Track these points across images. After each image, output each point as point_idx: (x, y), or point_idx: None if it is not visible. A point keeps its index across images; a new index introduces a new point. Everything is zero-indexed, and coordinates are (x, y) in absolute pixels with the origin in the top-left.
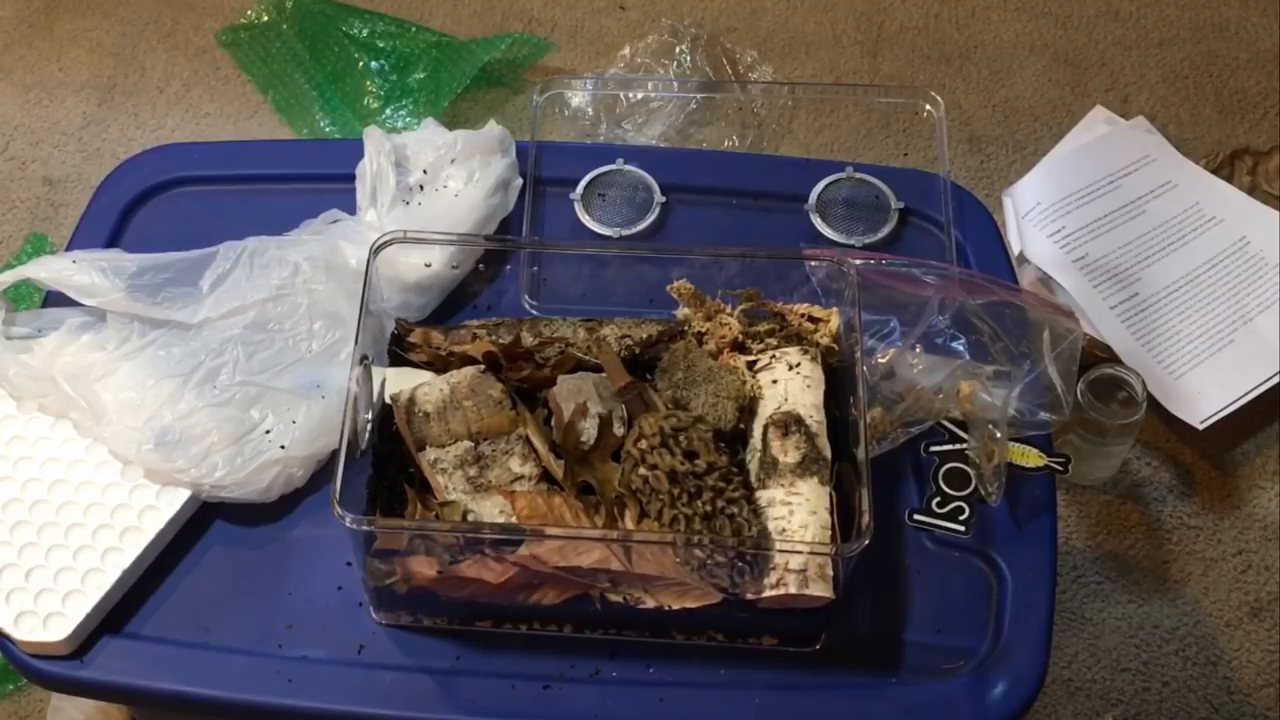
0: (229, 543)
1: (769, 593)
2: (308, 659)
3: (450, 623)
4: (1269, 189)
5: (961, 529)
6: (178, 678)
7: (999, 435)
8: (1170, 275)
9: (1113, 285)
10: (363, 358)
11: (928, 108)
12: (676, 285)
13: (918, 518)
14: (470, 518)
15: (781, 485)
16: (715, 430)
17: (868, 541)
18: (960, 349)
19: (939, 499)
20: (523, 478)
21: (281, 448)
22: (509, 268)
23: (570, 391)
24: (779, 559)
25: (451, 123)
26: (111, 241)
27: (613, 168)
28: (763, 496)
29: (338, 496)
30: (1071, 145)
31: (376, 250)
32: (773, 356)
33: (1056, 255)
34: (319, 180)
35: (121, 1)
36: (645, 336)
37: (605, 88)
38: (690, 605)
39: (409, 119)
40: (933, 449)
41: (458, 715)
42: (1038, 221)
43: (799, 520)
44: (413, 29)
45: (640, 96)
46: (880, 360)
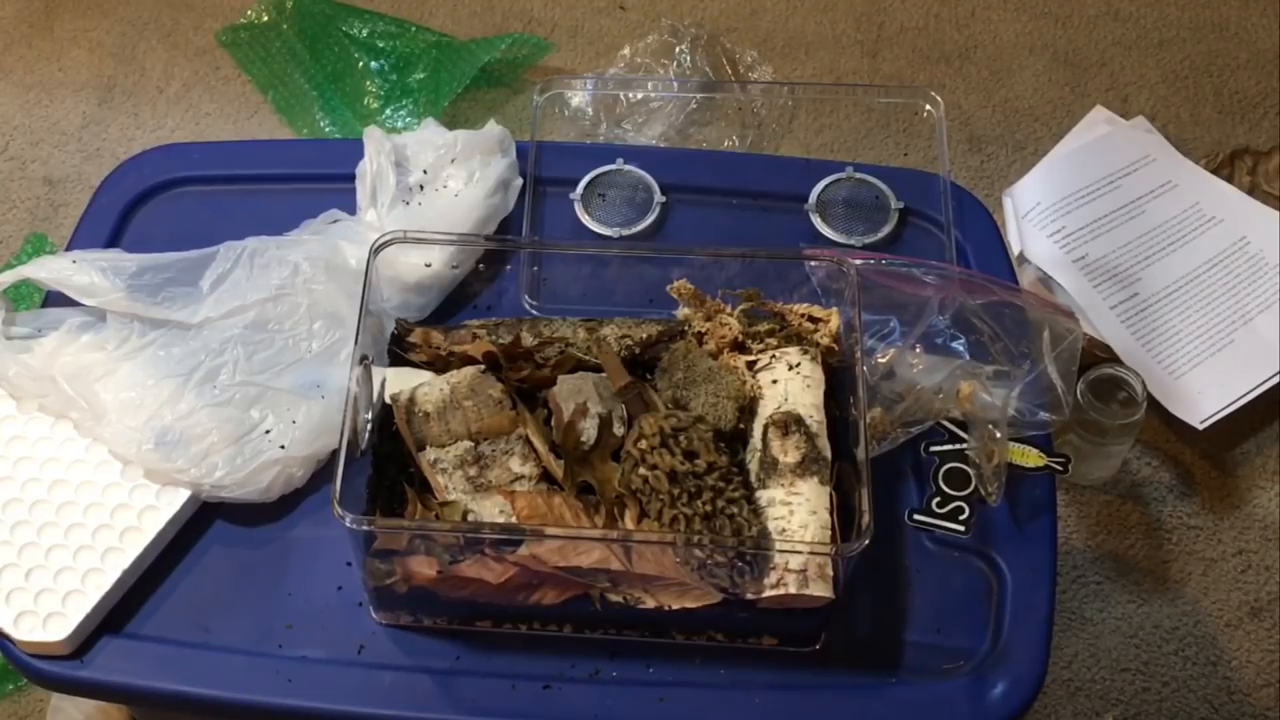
0: (229, 543)
1: (769, 593)
2: (308, 659)
3: (450, 623)
4: (1269, 189)
5: (961, 529)
6: (178, 678)
7: (999, 435)
8: (1170, 275)
9: (1113, 285)
10: (363, 358)
11: (928, 108)
12: (676, 285)
13: (918, 518)
14: (470, 518)
15: (781, 485)
16: (715, 430)
17: (868, 541)
18: (960, 349)
19: (939, 499)
20: (523, 478)
21: (281, 448)
22: (509, 268)
23: (570, 391)
24: (779, 559)
25: (451, 123)
26: (111, 241)
27: (613, 168)
28: (763, 496)
29: (338, 496)
30: (1071, 145)
31: (376, 250)
32: (773, 356)
33: (1056, 255)
34: (319, 180)
35: (121, 1)
36: (645, 336)
37: (605, 88)
38: (690, 605)
39: (409, 119)
40: (933, 449)
41: (458, 715)
42: (1038, 221)
43: (799, 520)
44: (413, 29)
45: (640, 96)
46: (880, 360)
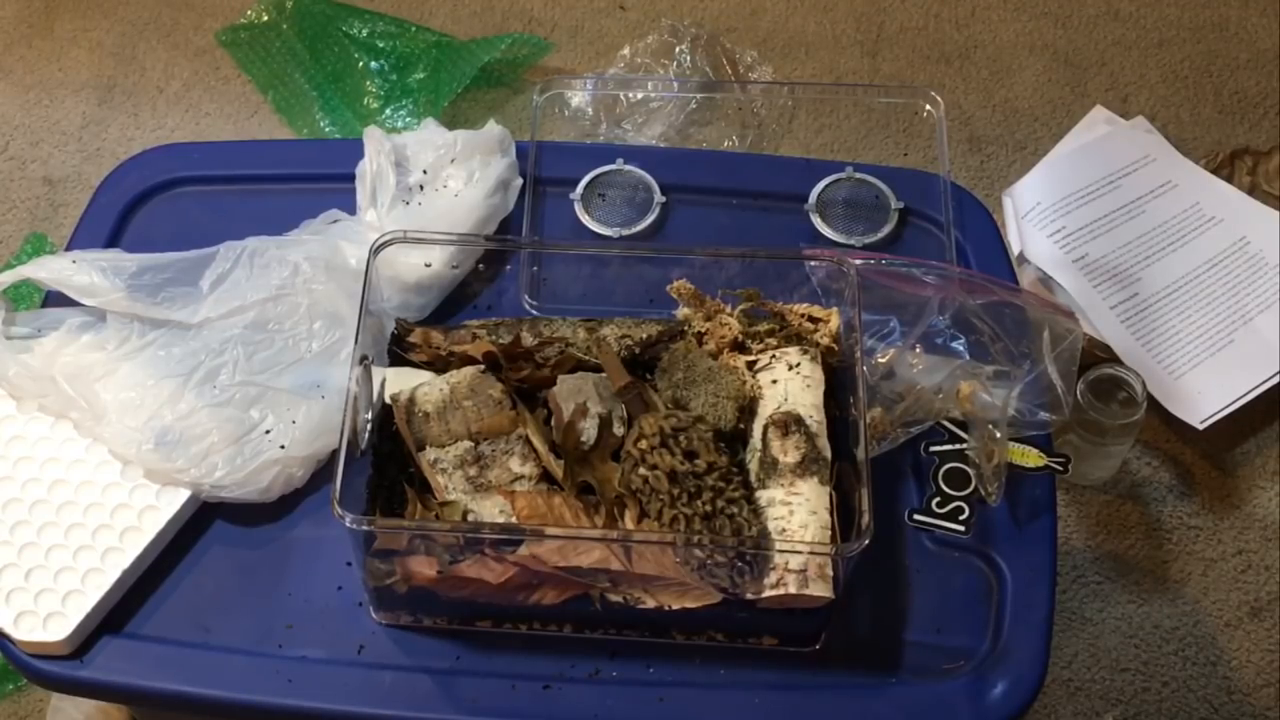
0: (229, 543)
1: (769, 593)
2: (308, 659)
3: (450, 623)
4: (1269, 189)
5: (961, 529)
6: (178, 678)
7: (999, 435)
8: (1170, 275)
9: (1113, 285)
10: (363, 358)
11: (928, 108)
12: (676, 285)
13: (918, 518)
14: (470, 518)
15: (781, 485)
16: (715, 430)
17: (868, 541)
18: (960, 349)
19: (939, 499)
20: (523, 478)
21: (281, 448)
22: (509, 268)
23: (570, 391)
24: (779, 559)
25: (451, 123)
26: (111, 241)
27: (613, 168)
28: (763, 496)
29: (338, 496)
30: (1071, 145)
31: (376, 250)
32: (773, 356)
33: (1056, 255)
34: (319, 180)
35: (121, 1)
36: (645, 336)
37: (605, 88)
38: (690, 605)
39: (409, 119)
40: (933, 449)
41: (458, 715)
42: (1038, 221)
43: (799, 520)
44: (413, 29)
45: (640, 96)
46: (880, 360)
